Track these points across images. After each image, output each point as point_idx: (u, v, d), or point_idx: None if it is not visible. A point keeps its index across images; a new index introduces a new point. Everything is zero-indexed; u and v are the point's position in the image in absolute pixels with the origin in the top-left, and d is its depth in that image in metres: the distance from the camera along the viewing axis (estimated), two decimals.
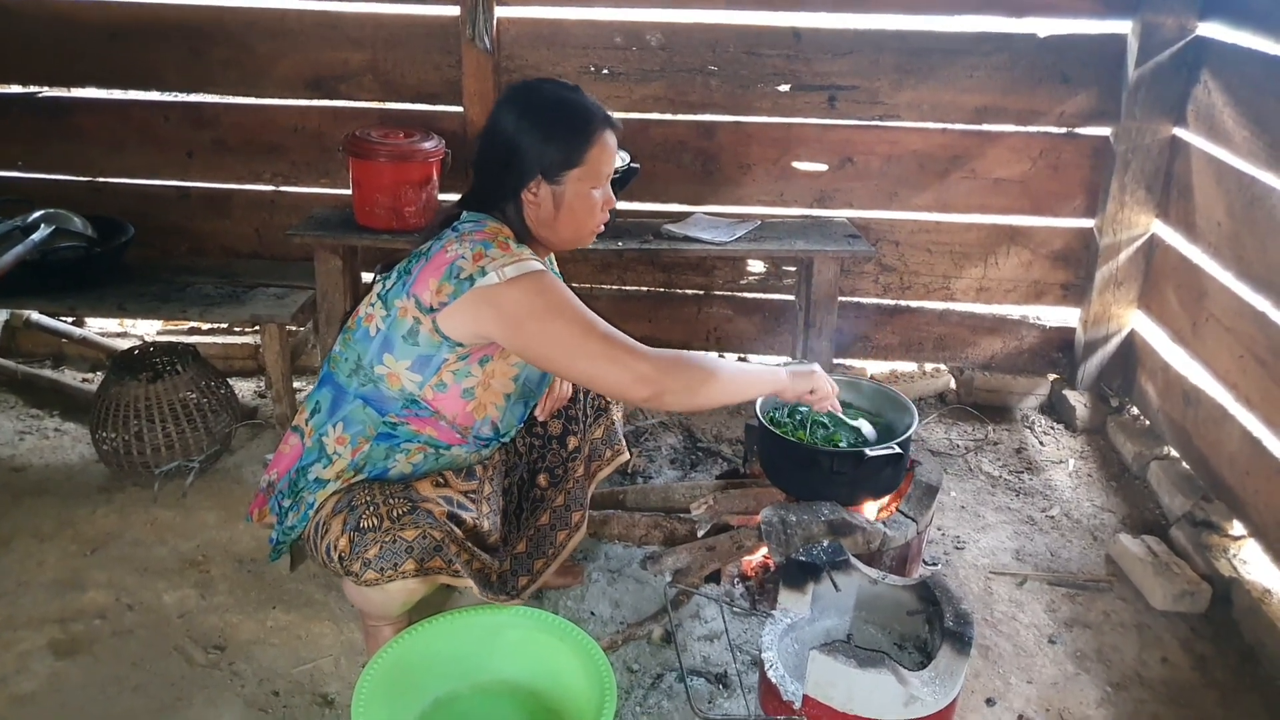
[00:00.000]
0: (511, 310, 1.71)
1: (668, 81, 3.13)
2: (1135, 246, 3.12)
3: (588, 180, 1.81)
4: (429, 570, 1.73)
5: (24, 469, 2.80)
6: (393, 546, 1.70)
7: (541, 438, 2.16)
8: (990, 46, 3.04)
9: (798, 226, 3.12)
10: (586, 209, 1.84)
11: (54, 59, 3.25)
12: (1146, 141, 2.98)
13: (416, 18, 3.09)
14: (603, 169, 1.83)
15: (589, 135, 1.79)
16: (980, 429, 3.21)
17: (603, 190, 1.85)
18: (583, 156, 1.79)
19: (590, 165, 1.80)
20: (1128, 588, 2.42)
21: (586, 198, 1.82)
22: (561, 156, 1.78)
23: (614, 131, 1.84)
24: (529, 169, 1.79)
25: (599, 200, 1.85)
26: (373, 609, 1.85)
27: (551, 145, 1.78)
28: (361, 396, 1.83)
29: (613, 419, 2.12)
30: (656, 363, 1.73)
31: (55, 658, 2.08)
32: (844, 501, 2.16)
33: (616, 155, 1.87)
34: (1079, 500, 2.82)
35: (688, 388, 1.77)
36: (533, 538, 2.06)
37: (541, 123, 1.78)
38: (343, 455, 1.84)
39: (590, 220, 1.86)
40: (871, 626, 1.99)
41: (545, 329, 1.71)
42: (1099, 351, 3.26)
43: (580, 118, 1.80)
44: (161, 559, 2.41)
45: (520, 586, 1.98)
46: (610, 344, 1.73)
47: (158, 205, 3.39)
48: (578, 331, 1.72)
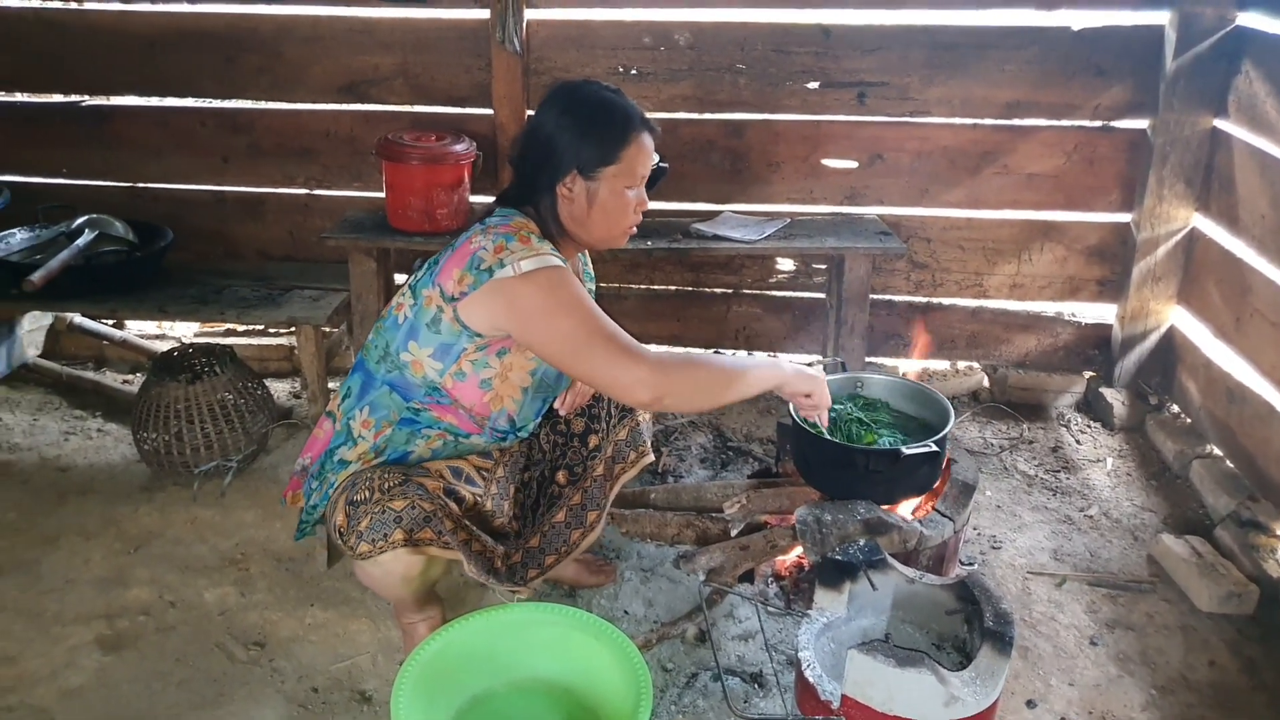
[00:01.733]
0: (523, 304, 1.74)
1: (696, 81, 3.13)
2: (1174, 241, 3.07)
3: (622, 179, 1.83)
4: (418, 541, 1.74)
5: (69, 469, 2.86)
6: (382, 517, 1.73)
7: (564, 435, 2.15)
8: (1022, 40, 3.00)
9: (828, 224, 3.11)
10: (619, 208, 1.85)
11: (96, 69, 3.31)
12: (1186, 134, 2.94)
13: (447, 21, 3.12)
14: (638, 169, 1.85)
15: (626, 134, 1.81)
16: (1015, 427, 3.18)
17: (637, 191, 1.87)
18: (619, 154, 1.81)
19: (625, 164, 1.82)
20: (1171, 589, 2.38)
21: (620, 196, 1.84)
22: (598, 153, 1.81)
23: (652, 134, 1.87)
24: (565, 164, 1.81)
25: (632, 200, 1.87)
26: (377, 587, 1.87)
27: (589, 141, 1.80)
28: (388, 382, 1.89)
29: (638, 420, 2.10)
30: (657, 366, 1.73)
31: (102, 653, 2.12)
32: (880, 500, 2.14)
33: (652, 158, 1.89)
34: (1118, 499, 2.78)
35: (689, 391, 1.79)
36: (546, 533, 2.05)
37: (581, 119, 1.81)
38: (366, 438, 1.90)
39: (623, 219, 1.88)
40: (909, 626, 1.98)
41: (553, 325, 1.74)
42: (1137, 348, 3.22)
43: (619, 117, 1.83)
44: (202, 557, 2.45)
45: (529, 578, 1.98)
46: (614, 346, 1.73)
47: (194, 209, 3.45)
48: (584, 331, 1.73)
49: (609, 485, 2.07)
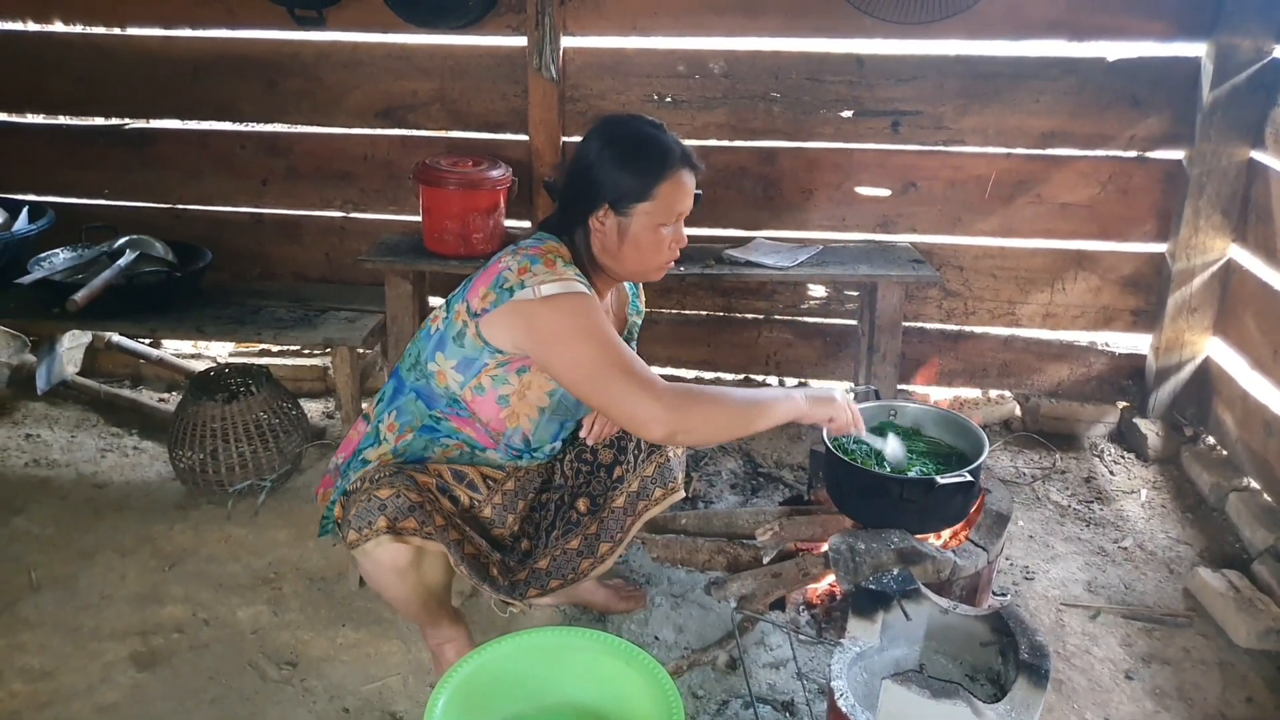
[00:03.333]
0: (542, 327, 1.76)
1: (730, 108, 3.15)
2: (1210, 272, 3.05)
3: (656, 216, 1.82)
4: (402, 530, 1.74)
5: (106, 485, 2.90)
6: (367, 504, 1.75)
7: (590, 464, 2.08)
8: (1057, 71, 3.01)
9: (861, 251, 3.11)
10: (652, 244, 1.85)
11: (138, 93, 3.39)
12: (1222, 164, 2.93)
13: (484, 48, 3.16)
14: (674, 206, 1.84)
15: (662, 171, 1.81)
16: (1047, 457, 3.15)
17: (673, 228, 1.86)
18: (652, 191, 1.81)
19: (660, 201, 1.82)
20: (1208, 623, 2.35)
21: (652, 233, 1.84)
22: (632, 188, 1.81)
23: (692, 171, 1.86)
24: (599, 197, 1.82)
25: (667, 238, 1.86)
26: (376, 585, 1.87)
27: (624, 176, 1.81)
28: (415, 390, 1.92)
29: (668, 456, 2.01)
30: (673, 403, 1.72)
31: (136, 669, 2.14)
32: (913, 529, 2.13)
33: (691, 195, 1.87)
34: (1153, 532, 2.75)
35: (703, 428, 1.78)
36: (557, 558, 2.01)
37: (619, 153, 1.82)
38: (389, 440, 1.93)
39: (656, 256, 1.87)
40: (942, 657, 1.96)
41: (570, 352, 1.75)
42: (1171, 379, 3.19)
43: (656, 153, 1.83)
44: (235, 575, 2.47)
45: (528, 595, 1.96)
46: (631, 379, 1.73)
47: (232, 231, 3.51)
48: (600, 361, 1.73)
49: (629, 520, 2.00)
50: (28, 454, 3.06)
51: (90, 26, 3.33)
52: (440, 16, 3.02)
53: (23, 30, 3.36)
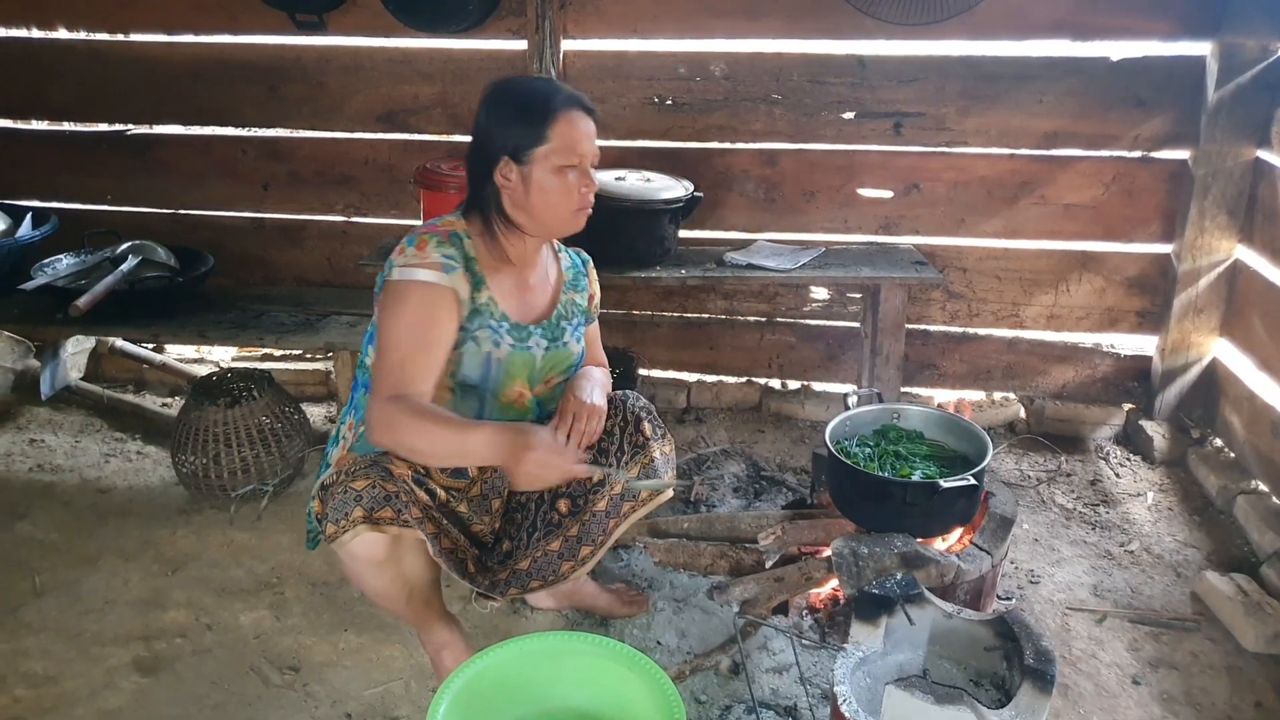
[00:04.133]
0: (377, 308, 1.84)
1: (731, 110, 3.14)
2: (1217, 272, 3.03)
3: (555, 157, 1.81)
4: (378, 520, 1.73)
5: (109, 490, 2.90)
6: (344, 496, 1.74)
7: None
8: (1060, 71, 3.00)
9: (863, 253, 3.11)
10: (558, 188, 1.83)
11: (141, 98, 3.40)
12: (1228, 165, 2.91)
13: (485, 52, 3.16)
14: (572, 146, 1.82)
15: (550, 113, 1.81)
16: (1052, 460, 3.13)
17: (577, 171, 1.84)
18: (544, 133, 1.81)
19: (555, 142, 1.81)
20: (1216, 628, 2.33)
21: (556, 176, 1.82)
22: (524, 135, 1.82)
23: (583, 111, 1.85)
24: (496, 151, 1.84)
25: (573, 181, 1.83)
26: (358, 582, 1.85)
27: (514, 126, 1.82)
28: (364, 385, 1.94)
29: (652, 455, 1.96)
30: (384, 417, 1.73)
31: (140, 674, 2.14)
32: (917, 533, 2.12)
33: (590, 137, 1.85)
34: (1159, 535, 2.73)
35: (405, 450, 1.76)
36: (538, 559, 1.99)
37: (506, 106, 1.84)
38: (348, 439, 1.96)
39: (565, 201, 1.84)
40: (946, 662, 1.95)
41: (377, 335, 1.83)
42: (1178, 381, 3.17)
43: (540, 97, 1.84)
44: (238, 580, 2.47)
45: (507, 593, 1.95)
46: (383, 381, 1.77)
47: (234, 236, 3.51)
48: (380, 353, 1.79)
49: (611, 522, 1.97)
50: (32, 459, 3.06)
51: (93, 33, 3.34)
52: (441, 20, 3.02)
53: (26, 37, 3.37)
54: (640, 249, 2.92)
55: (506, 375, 1.91)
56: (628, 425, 2.00)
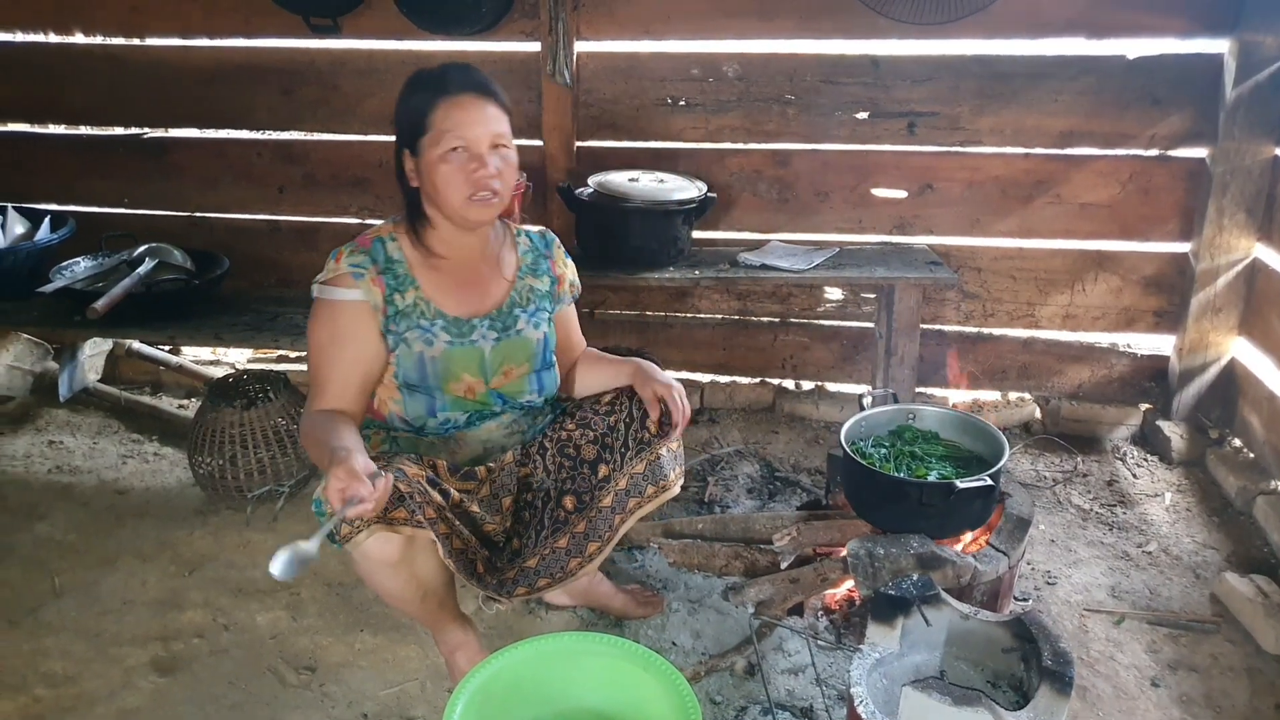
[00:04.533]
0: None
1: (744, 111, 3.14)
2: (1235, 271, 3.01)
3: (441, 145, 1.81)
4: (392, 520, 1.73)
5: (126, 491, 2.92)
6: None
7: (573, 459, 2.03)
8: (1076, 70, 2.98)
9: (877, 253, 3.10)
10: (448, 175, 1.81)
11: (157, 102, 3.42)
12: (1247, 163, 2.89)
13: (498, 54, 3.17)
14: (454, 131, 1.80)
15: (432, 101, 1.81)
16: (1069, 460, 3.12)
17: (468, 154, 1.81)
18: (427, 122, 1.81)
19: (437, 130, 1.81)
20: (1236, 629, 2.31)
21: (445, 162, 1.81)
22: (412, 125, 1.83)
23: (473, 94, 1.83)
24: (400, 146, 1.88)
25: (462, 166, 1.81)
26: (373, 583, 1.85)
27: (404, 116, 1.85)
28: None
29: (658, 453, 1.94)
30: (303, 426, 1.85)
31: (157, 674, 2.15)
32: (933, 534, 2.11)
33: (481, 121, 1.82)
34: (1178, 536, 2.71)
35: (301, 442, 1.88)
36: (545, 557, 1.97)
37: (400, 100, 1.87)
38: None
39: (457, 188, 1.82)
40: (963, 663, 1.94)
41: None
42: (1196, 380, 3.15)
43: (426, 85, 1.84)
44: (254, 581, 2.48)
45: (516, 593, 1.95)
46: (311, 393, 1.88)
47: (249, 238, 3.53)
48: (309, 369, 1.89)
49: (617, 518, 1.95)
50: (50, 460, 3.08)
51: (110, 38, 3.36)
52: (455, 23, 3.03)
53: (44, 42, 3.40)
54: (653, 250, 2.92)
55: (446, 371, 1.92)
56: (633, 421, 1.99)
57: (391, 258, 1.90)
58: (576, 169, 3.18)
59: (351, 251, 1.88)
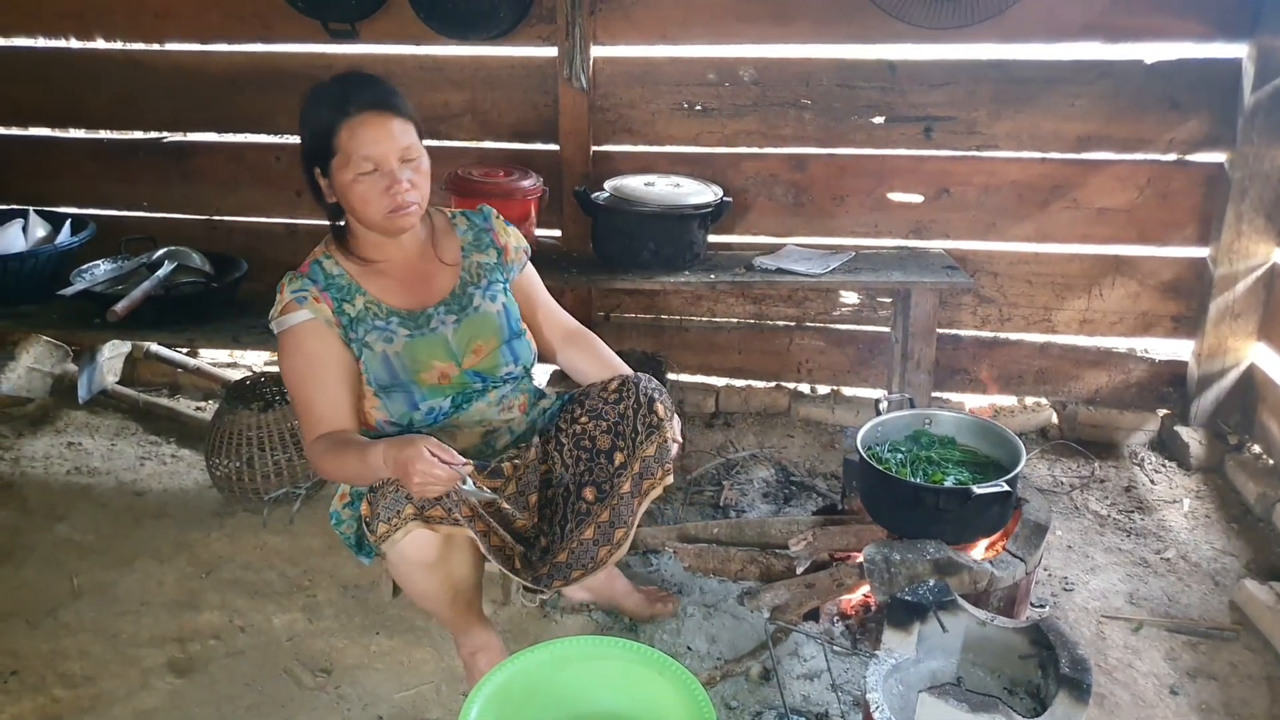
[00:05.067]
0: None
1: (760, 116, 3.14)
2: (1255, 276, 2.99)
3: (350, 168, 1.79)
4: (429, 519, 1.73)
5: (144, 493, 2.94)
6: (395, 495, 1.74)
7: (589, 450, 2.03)
8: (1093, 74, 2.97)
9: (894, 258, 3.09)
10: (361, 197, 1.80)
11: (177, 107, 3.45)
12: (1266, 168, 2.87)
13: (516, 59, 3.18)
14: (365, 152, 1.77)
15: (334, 122, 1.78)
16: (1086, 466, 3.10)
17: (379, 173, 1.79)
18: (332, 145, 1.78)
19: (344, 153, 1.78)
20: (1256, 637, 2.29)
21: (358, 183, 1.79)
22: (318, 147, 1.81)
23: (375, 110, 1.79)
24: (307, 163, 1.85)
25: (375, 184, 1.79)
26: (406, 584, 1.86)
27: (309, 142, 1.82)
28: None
29: (665, 436, 1.95)
30: (311, 459, 1.87)
31: (174, 676, 2.17)
32: (949, 540, 2.11)
33: (386, 139, 1.79)
34: (1197, 542, 2.69)
35: (333, 477, 1.88)
36: (574, 550, 1.97)
37: (302, 123, 1.84)
38: None
39: (374, 205, 1.81)
40: (980, 670, 1.93)
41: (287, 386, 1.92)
42: (1214, 386, 3.12)
43: (326, 105, 1.79)
44: (271, 583, 2.49)
45: (553, 585, 1.95)
46: (301, 426, 1.89)
47: (267, 241, 3.55)
48: (294, 402, 1.91)
49: (636, 502, 1.97)
50: (69, 462, 3.11)
51: (130, 43, 3.39)
52: (472, 28, 3.04)
53: (66, 47, 3.43)
54: (669, 254, 2.92)
55: (414, 363, 1.92)
56: (640, 407, 1.97)
57: (330, 274, 1.91)
58: (593, 173, 3.18)
59: (291, 279, 1.89)
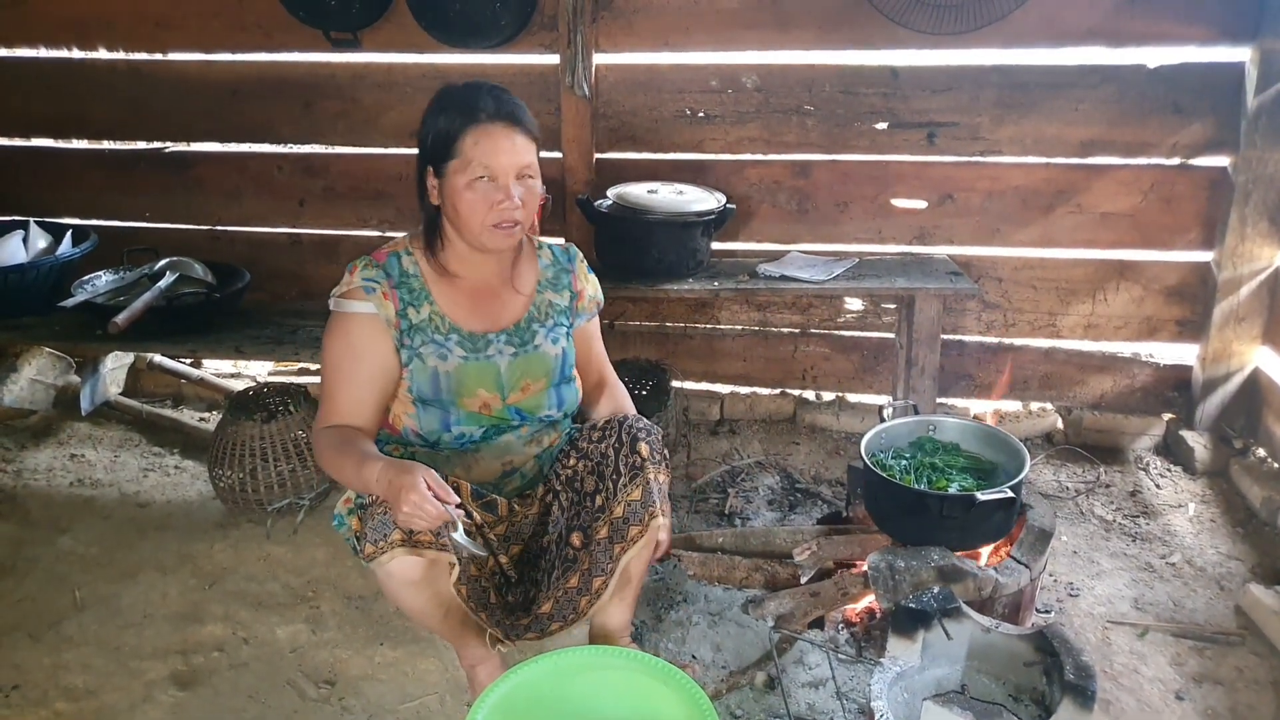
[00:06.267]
0: None
1: (763, 122, 3.14)
2: (1259, 280, 2.98)
3: (465, 173, 1.79)
4: (416, 544, 1.72)
5: (148, 504, 2.93)
6: (383, 518, 1.72)
7: (578, 493, 1.98)
8: (1097, 79, 2.96)
9: (897, 264, 3.08)
10: (470, 203, 1.80)
11: (179, 116, 3.45)
12: (1269, 171, 2.86)
13: (517, 67, 3.18)
14: (483, 160, 1.79)
15: (464, 127, 1.79)
16: (1091, 470, 3.09)
17: (490, 185, 1.80)
18: (455, 148, 1.80)
19: (464, 158, 1.79)
20: (1261, 642, 2.28)
21: (470, 190, 1.80)
22: (440, 148, 1.82)
23: (504, 124, 1.81)
24: (423, 163, 1.86)
25: (486, 195, 1.80)
26: (396, 600, 1.85)
27: (432, 136, 1.83)
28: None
29: (648, 478, 1.87)
30: (314, 445, 1.87)
31: (177, 688, 2.16)
32: (954, 546, 2.10)
33: (509, 151, 1.80)
34: (1202, 547, 2.68)
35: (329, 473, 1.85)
36: (559, 599, 1.92)
37: (429, 119, 1.85)
38: None
39: (476, 215, 1.81)
40: (985, 677, 1.92)
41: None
42: (1219, 390, 3.11)
43: (459, 109, 1.81)
44: (274, 594, 2.49)
45: (526, 638, 1.92)
46: (319, 409, 1.89)
47: (270, 251, 3.55)
48: (322, 383, 1.89)
49: (618, 547, 1.88)
50: (72, 474, 3.11)
51: (132, 53, 3.40)
52: (474, 36, 3.05)
53: (68, 58, 3.44)
54: (673, 261, 2.92)
55: (461, 386, 1.90)
56: (623, 446, 1.91)
57: (406, 271, 1.90)
58: (596, 181, 3.18)
59: (365, 265, 1.88)
